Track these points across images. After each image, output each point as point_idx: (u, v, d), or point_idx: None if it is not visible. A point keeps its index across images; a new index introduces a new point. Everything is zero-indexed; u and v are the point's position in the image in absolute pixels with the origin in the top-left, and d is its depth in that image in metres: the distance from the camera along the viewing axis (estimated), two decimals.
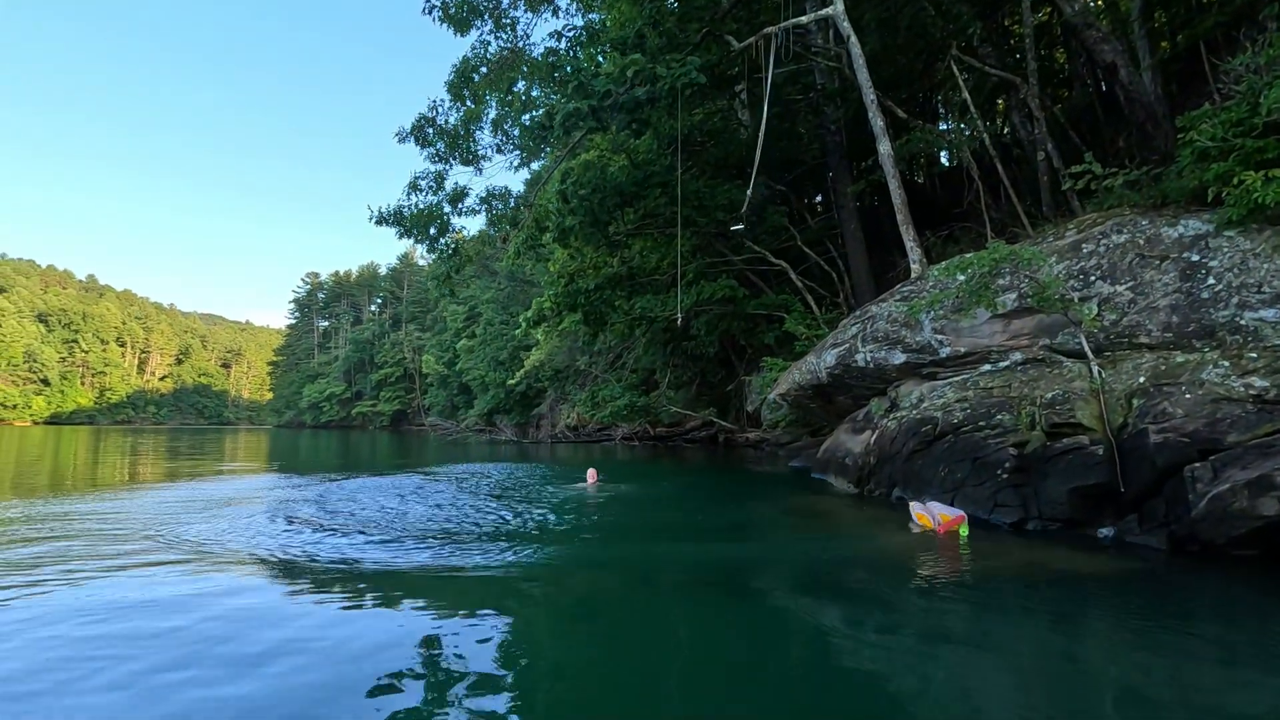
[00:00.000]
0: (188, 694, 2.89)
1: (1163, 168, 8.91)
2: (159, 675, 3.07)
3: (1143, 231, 7.96)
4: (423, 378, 71.26)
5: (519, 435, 39.21)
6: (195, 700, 2.84)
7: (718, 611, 4.30)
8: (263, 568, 5.30)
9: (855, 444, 10.60)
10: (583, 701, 3.03)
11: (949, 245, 14.70)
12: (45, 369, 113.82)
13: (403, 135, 15.93)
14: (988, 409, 7.75)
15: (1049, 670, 3.33)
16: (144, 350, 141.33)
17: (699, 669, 3.35)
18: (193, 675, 3.08)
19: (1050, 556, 5.62)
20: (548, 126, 12.98)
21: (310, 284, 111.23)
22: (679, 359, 26.36)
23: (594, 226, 17.61)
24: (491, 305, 46.71)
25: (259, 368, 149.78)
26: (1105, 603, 4.49)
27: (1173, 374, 6.64)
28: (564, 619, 4.31)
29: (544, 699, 2.99)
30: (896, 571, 5.28)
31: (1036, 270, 7.90)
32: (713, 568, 5.66)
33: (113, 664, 3.20)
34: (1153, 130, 11.90)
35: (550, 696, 3.03)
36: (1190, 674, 3.30)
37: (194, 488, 11.25)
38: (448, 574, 5.09)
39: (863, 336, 10.52)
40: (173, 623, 3.81)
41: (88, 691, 2.91)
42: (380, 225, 15.69)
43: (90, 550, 5.74)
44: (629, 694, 3.06)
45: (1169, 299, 7.39)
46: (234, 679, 3.03)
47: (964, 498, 7.28)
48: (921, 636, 3.78)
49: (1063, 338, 7.96)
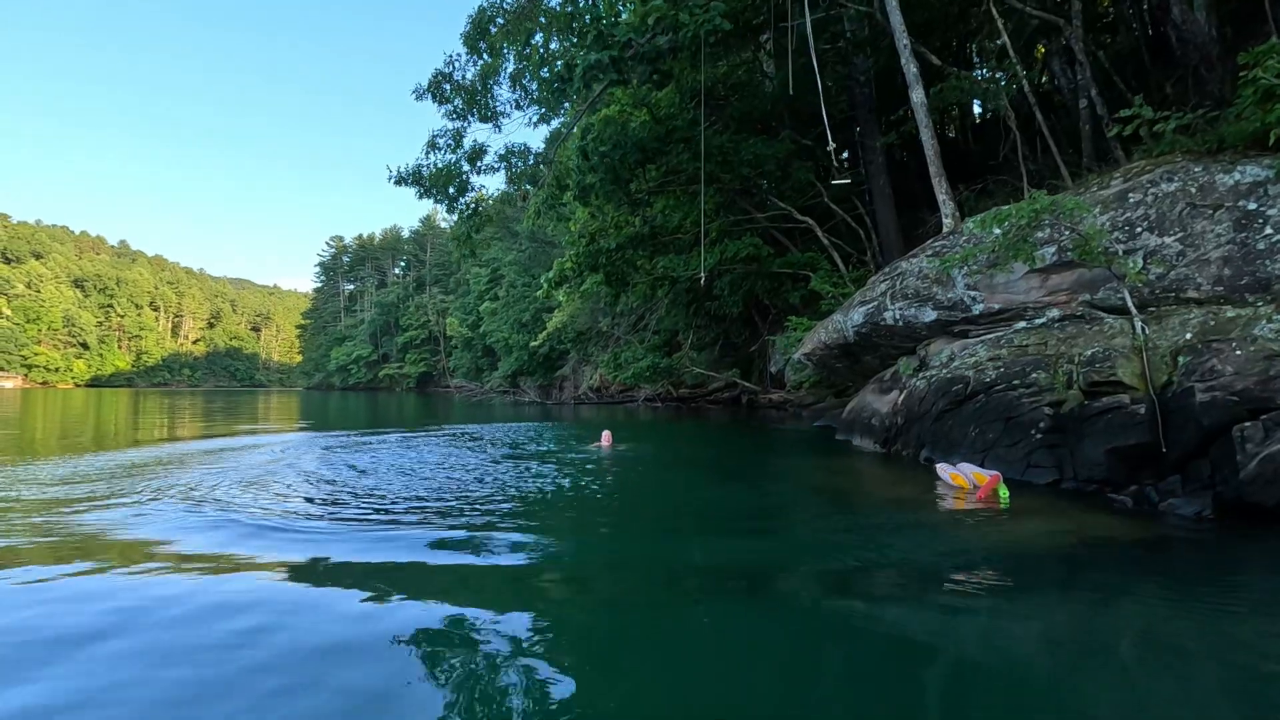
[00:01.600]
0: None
1: (1219, 111, 8.36)
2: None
3: (1195, 179, 7.49)
4: (447, 340, 71.87)
5: (542, 397, 39.45)
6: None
7: (740, 585, 4.20)
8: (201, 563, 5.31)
9: (882, 404, 10.38)
10: (600, 668, 2.96)
11: (982, 199, 14.15)
12: (84, 333, 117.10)
13: (420, 92, 15.62)
14: (1022, 367, 7.48)
15: (1089, 639, 3.18)
16: (176, 314, 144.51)
17: (720, 634, 3.26)
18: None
19: (1088, 520, 5.43)
20: (567, 79, 12.60)
21: (335, 248, 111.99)
22: (702, 320, 26.09)
23: (615, 184, 17.23)
24: (514, 267, 46.59)
25: (288, 331, 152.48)
26: (1147, 565, 4.31)
27: (1223, 329, 6.30)
28: (580, 605, 4.25)
29: (556, 658, 2.93)
30: (926, 535, 5.13)
31: (1079, 222, 7.51)
32: (734, 535, 5.57)
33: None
34: (1206, 74, 11.20)
35: (565, 660, 2.97)
36: (1238, 636, 3.15)
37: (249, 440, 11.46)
38: (449, 544, 5.06)
39: (892, 294, 10.21)
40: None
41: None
42: (399, 185, 15.54)
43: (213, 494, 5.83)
44: (642, 662, 2.98)
45: (1221, 250, 6.98)
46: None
47: (995, 458, 7.07)
48: (954, 603, 3.65)
49: (1104, 293, 7.60)
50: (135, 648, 2.87)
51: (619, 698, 2.61)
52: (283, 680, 2.59)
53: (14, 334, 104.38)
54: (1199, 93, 10.92)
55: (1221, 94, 10.02)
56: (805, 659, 2.94)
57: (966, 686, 2.69)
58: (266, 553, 4.35)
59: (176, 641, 2.94)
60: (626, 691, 2.65)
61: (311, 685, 2.55)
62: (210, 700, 2.44)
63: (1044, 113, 14.06)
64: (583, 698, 2.54)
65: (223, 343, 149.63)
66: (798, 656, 2.96)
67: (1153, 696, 2.57)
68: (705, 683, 2.69)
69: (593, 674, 2.80)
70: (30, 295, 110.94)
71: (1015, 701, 2.54)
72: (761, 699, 2.54)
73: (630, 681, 2.75)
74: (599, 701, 2.56)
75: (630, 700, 2.58)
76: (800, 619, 3.40)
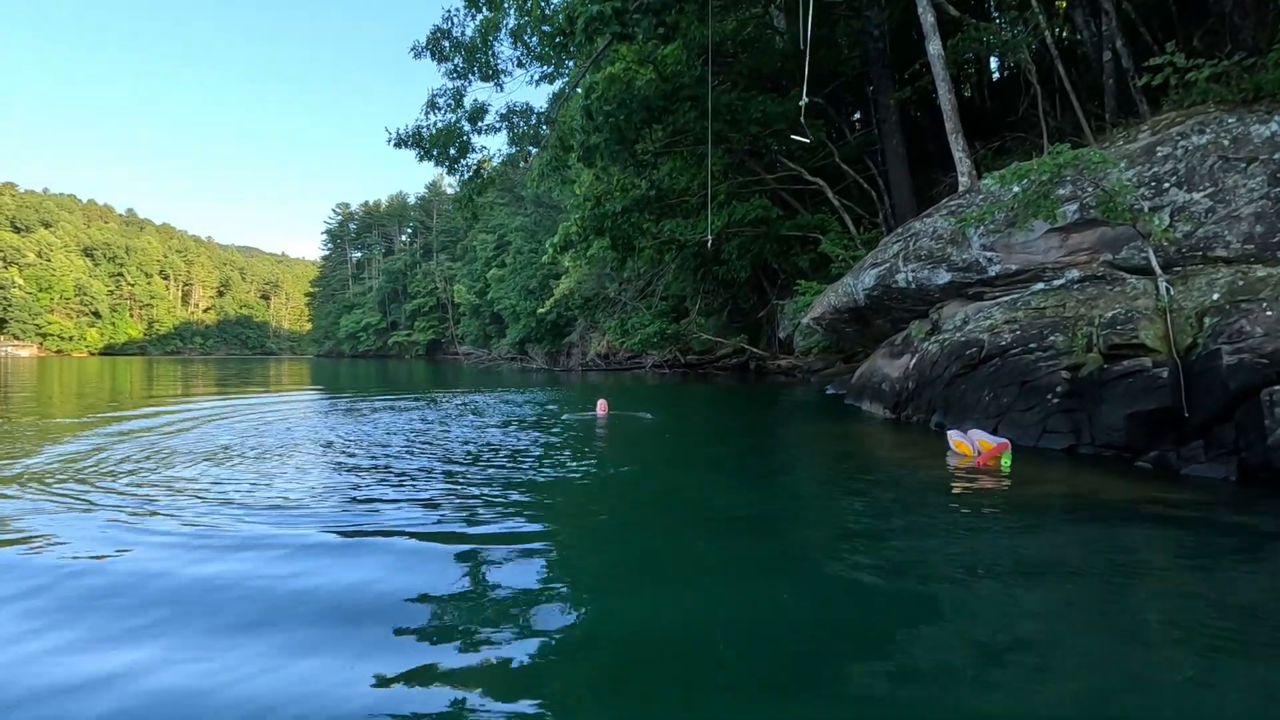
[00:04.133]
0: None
1: (1255, 59, 7.91)
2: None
3: (1229, 131, 7.11)
4: (455, 307, 71.83)
5: (550, 363, 39.37)
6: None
7: (746, 543, 4.06)
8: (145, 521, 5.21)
9: (893, 369, 10.16)
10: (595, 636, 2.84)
11: (1000, 157, 13.67)
12: (95, 302, 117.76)
13: (418, 50, 15.13)
14: (1039, 330, 7.23)
15: (1099, 600, 3.02)
16: (186, 283, 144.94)
17: (728, 597, 3.13)
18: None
19: (1106, 484, 5.25)
20: (569, 33, 12.12)
21: (341, 215, 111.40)
22: (710, 285, 25.76)
23: (620, 144, 16.77)
24: (520, 233, 46.13)
25: (297, 299, 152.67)
26: (1166, 528, 4.13)
27: (1252, 289, 6.02)
28: (586, 541, 4.12)
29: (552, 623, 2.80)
30: (936, 499, 4.97)
31: (1103, 177, 7.16)
32: (740, 496, 5.43)
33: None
34: (1240, 21, 10.61)
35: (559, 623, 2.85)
36: (1262, 594, 3.01)
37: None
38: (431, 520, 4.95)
39: (904, 255, 9.90)
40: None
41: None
42: (399, 148, 15.18)
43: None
44: (644, 625, 2.86)
45: (1254, 206, 6.65)
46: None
47: (1009, 423, 6.87)
48: (962, 566, 3.49)
49: (1127, 252, 7.29)
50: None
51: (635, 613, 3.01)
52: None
53: (28, 303, 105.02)
54: (1233, 41, 10.35)
55: (1256, 43, 9.49)
56: (792, 596, 2.84)
57: (962, 639, 2.54)
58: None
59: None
60: (640, 607, 3.08)
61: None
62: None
63: (1066, 67, 13.47)
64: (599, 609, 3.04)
65: (233, 311, 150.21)
66: (779, 592, 2.83)
67: (1165, 662, 2.41)
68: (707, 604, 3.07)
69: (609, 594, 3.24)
70: (41, 264, 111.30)
71: (1022, 661, 2.39)
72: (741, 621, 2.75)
73: (642, 599, 3.19)
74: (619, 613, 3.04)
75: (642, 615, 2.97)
76: (801, 574, 3.26)
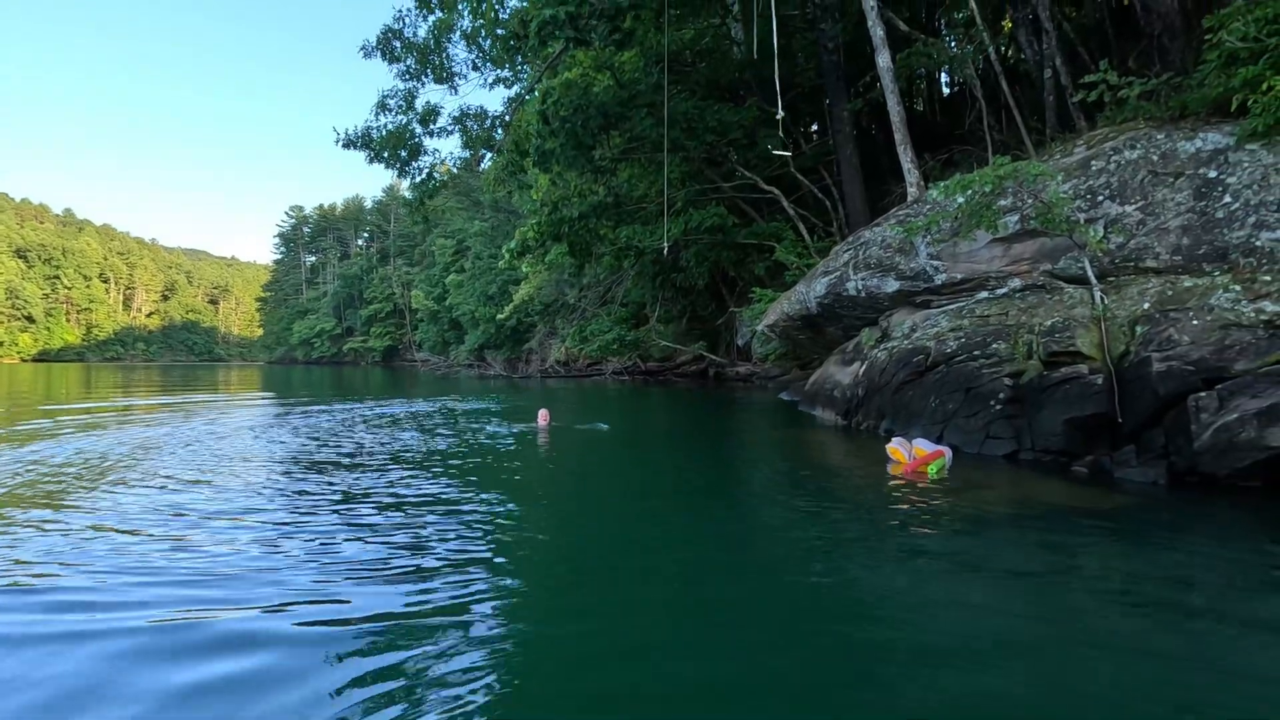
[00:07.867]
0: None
1: (1182, 78, 8.26)
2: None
3: (1158, 146, 7.39)
4: (413, 313, 70.44)
5: (509, 370, 38.89)
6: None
7: (692, 551, 4.00)
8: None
9: (844, 376, 10.27)
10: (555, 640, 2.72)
11: (948, 169, 14.05)
12: (29, 305, 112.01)
13: (368, 49, 14.78)
14: (983, 338, 7.38)
15: (1033, 594, 3.05)
16: (128, 286, 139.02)
17: (675, 602, 3.06)
18: None
19: (1042, 488, 5.35)
20: (522, 36, 12.01)
21: (295, 218, 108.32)
22: (669, 292, 25.83)
23: (577, 150, 16.68)
24: (479, 238, 45.57)
25: (248, 304, 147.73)
26: (1097, 531, 4.22)
27: (1180, 299, 6.25)
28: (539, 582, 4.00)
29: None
30: (879, 507, 4.98)
31: (1042, 189, 7.36)
32: (687, 508, 5.38)
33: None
34: (1169, 43, 11.10)
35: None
36: (1188, 593, 3.16)
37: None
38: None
39: (854, 264, 10.04)
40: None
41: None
42: (348, 148, 14.79)
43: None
44: (603, 622, 2.76)
45: (1180, 219, 6.91)
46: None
47: (955, 429, 6.98)
48: (901, 564, 3.48)
49: (1065, 262, 7.51)
50: None
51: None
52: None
53: None
54: (1162, 62, 10.83)
55: (1184, 64, 9.95)
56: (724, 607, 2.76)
57: (905, 640, 2.52)
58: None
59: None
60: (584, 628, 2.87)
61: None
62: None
63: (1010, 83, 13.93)
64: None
65: (179, 316, 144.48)
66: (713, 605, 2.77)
67: (1103, 661, 2.42)
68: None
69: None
70: None
71: (961, 660, 2.37)
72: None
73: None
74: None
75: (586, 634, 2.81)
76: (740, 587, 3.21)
